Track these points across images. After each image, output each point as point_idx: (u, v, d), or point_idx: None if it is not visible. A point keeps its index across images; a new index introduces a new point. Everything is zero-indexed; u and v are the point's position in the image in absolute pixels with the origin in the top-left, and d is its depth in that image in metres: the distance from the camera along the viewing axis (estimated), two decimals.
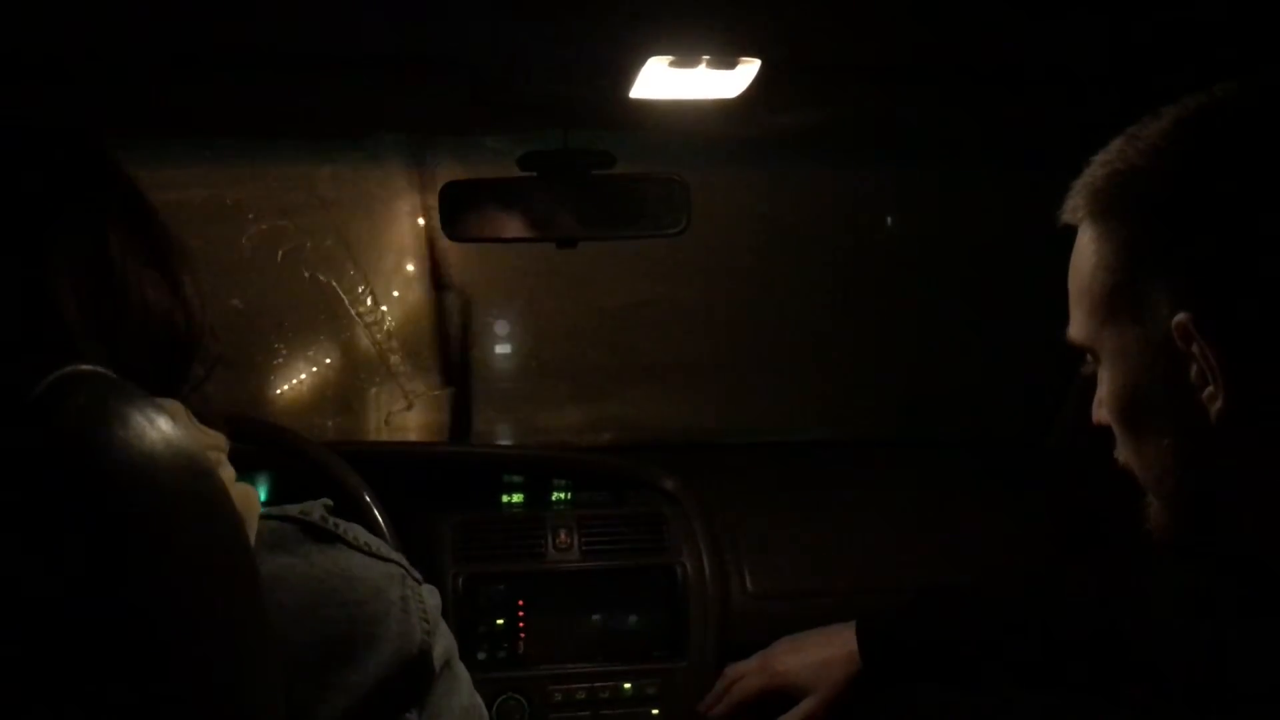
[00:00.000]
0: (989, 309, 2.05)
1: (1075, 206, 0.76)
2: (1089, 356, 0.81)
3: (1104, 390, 0.78)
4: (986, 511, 1.80)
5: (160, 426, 0.48)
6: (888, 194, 2.01)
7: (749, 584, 1.70)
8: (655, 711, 1.61)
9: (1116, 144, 0.75)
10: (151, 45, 1.22)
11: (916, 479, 1.87)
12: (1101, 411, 0.81)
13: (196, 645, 0.49)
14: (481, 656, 1.59)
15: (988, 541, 1.76)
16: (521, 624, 1.62)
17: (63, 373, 0.46)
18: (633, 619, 1.65)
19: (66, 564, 0.45)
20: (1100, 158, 0.76)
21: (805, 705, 1.43)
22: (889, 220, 2.04)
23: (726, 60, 1.20)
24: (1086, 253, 0.75)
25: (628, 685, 1.61)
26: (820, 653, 1.42)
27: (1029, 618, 1.25)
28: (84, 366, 0.47)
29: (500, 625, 1.61)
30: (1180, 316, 0.69)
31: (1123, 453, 0.79)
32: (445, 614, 0.92)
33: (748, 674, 1.49)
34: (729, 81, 1.25)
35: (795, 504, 1.81)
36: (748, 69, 1.22)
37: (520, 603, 1.62)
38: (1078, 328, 0.77)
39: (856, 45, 1.28)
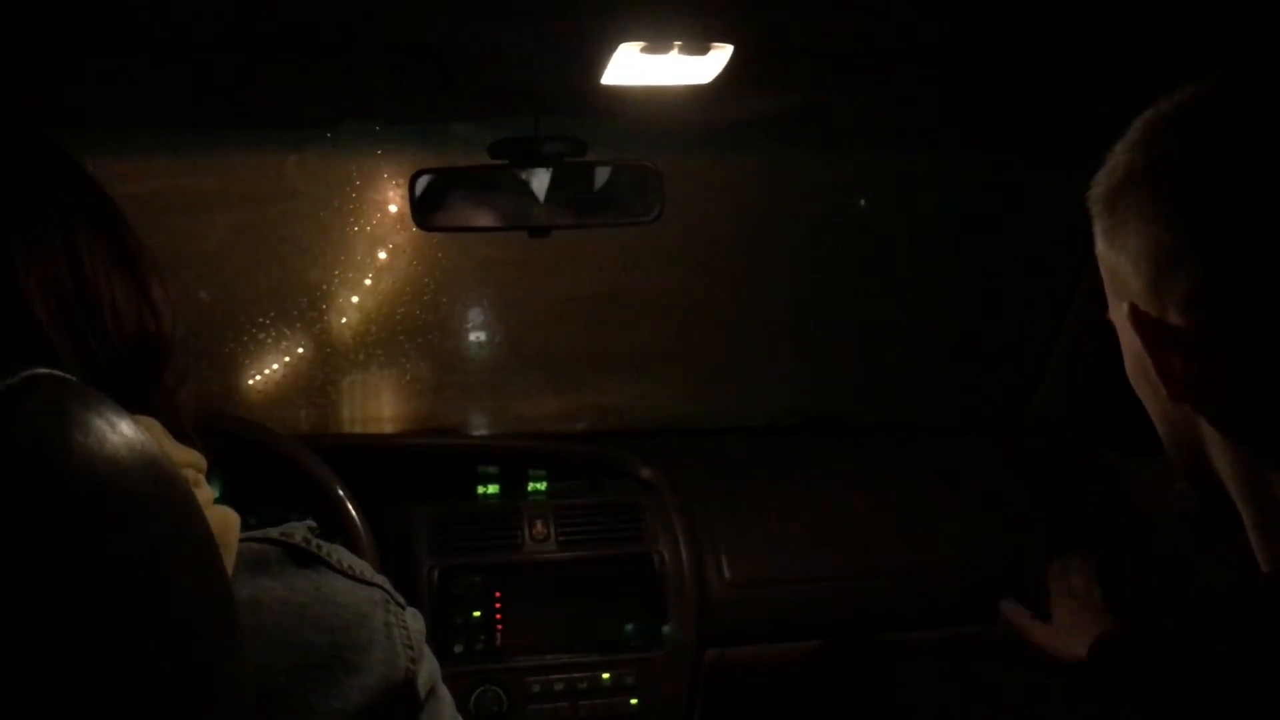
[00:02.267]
0: (966, 295, 2.05)
1: (1088, 195, 0.78)
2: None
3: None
4: (964, 498, 1.81)
5: (122, 431, 0.47)
6: (862, 179, 2.01)
7: (726, 572, 1.69)
8: (634, 701, 1.61)
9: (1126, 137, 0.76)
10: (114, 34, 1.20)
11: (894, 465, 1.87)
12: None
13: (162, 663, 0.47)
14: (458, 649, 1.58)
15: (965, 527, 1.76)
16: (499, 615, 1.61)
17: (18, 378, 0.44)
18: (610, 608, 1.65)
19: (21, 582, 0.43)
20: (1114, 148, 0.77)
21: (1046, 629, 1.46)
22: (864, 206, 2.04)
23: (699, 45, 1.19)
24: (1096, 237, 0.77)
25: (606, 675, 1.60)
26: (1086, 617, 1.45)
27: None
28: (40, 370, 0.46)
29: (477, 617, 1.60)
30: (1125, 304, 0.71)
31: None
32: (420, 607, 0.91)
33: (1068, 593, 1.51)
34: (701, 67, 1.24)
35: (772, 490, 1.81)
36: (720, 54, 1.21)
37: (497, 594, 1.61)
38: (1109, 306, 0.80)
39: (829, 30, 1.27)
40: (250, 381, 1.95)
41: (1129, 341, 0.76)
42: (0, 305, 0.57)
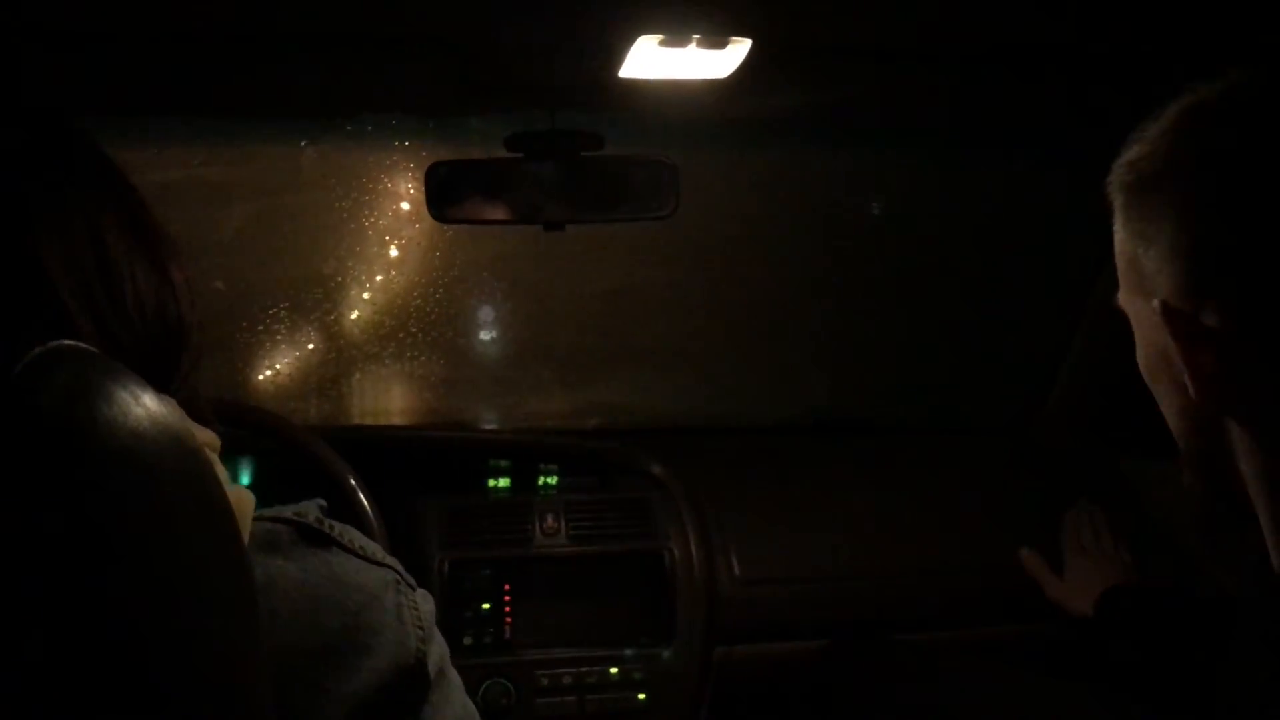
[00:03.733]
0: (979, 296, 2.05)
1: (1109, 182, 0.78)
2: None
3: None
4: (976, 499, 1.81)
5: (145, 403, 0.47)
6: (877, 177, 2.00)
7: (736, 569, 1.69)
8: (642, 696, 1.61)
9: (1147, 123, 0.76)
10: (133, 23, 1.20)
11: (906, 466, 1.87)
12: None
13: (182, 630, 0.47)
14: (468, 641, 1.58)
15: (976, 529, 1.76)
16: (508, 609, 1.61)
17: (46, 349, 0.45)
18: (620, 604, 1.65)
19: (48, 547, 0.43)
20: (1133, 136, 0.77)
21: (1060, 585, 1.51)
22: (878, 204, 2.03)
23: (717, 40, 1.19)
24: (1116, 225, 0.77)
25: (614, 670, 1.60)
26: (1096, 573, 1.50)
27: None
28: (67, 343, 0.46)
29: (487, 610, 1.60)
30: (1156, 301, 0.70)
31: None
32: (431, 598, 0.91)
33: (1083, 551, 1.58)
34: (719, 61, 1.24)
35: (783, 490, 1.81)
36: (738, 49, 1.21)
37: (507, 588, 1.62)
38: (1120, 294, 0.79)
39: (848, 26, 1.27)
40: (263, 371, 1.95)
41: (1148, 334, 0.75)
42: (25, 283, 0.58)
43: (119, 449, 0.45)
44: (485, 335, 2.04)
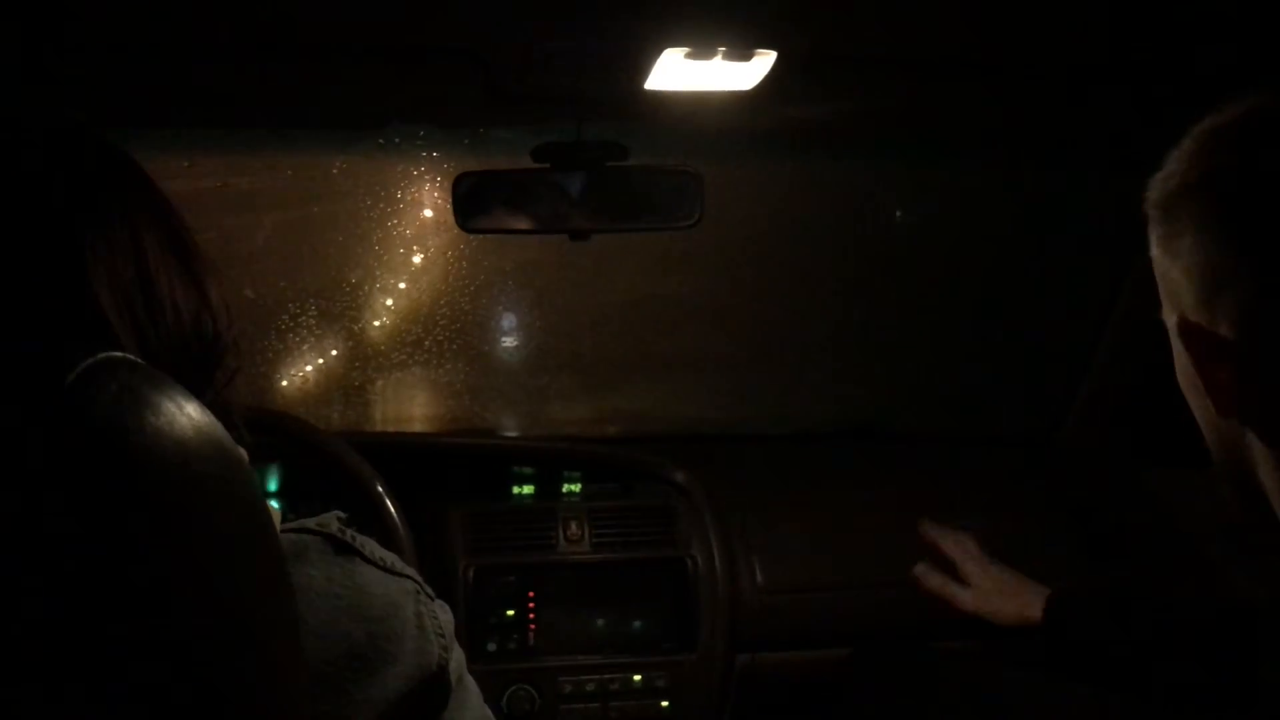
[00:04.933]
0: (1004, 304, 2.05)
1: (1145, 198, 0.78)
2: None
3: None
4: (999, 508, 1.80)
5: (190, 413, 0.48)
6: (901, 188, 2.01)
7: (759, 577, 1.70)
8: (665, 704, 1.61)
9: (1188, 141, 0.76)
10: (164, 34, 1.22)
11: (929, 475, 1.87)
12: None
13: (230, 636, 0.49)
14: (491, 648, 1.59)
15: (1000, 538, 1.75)
16: (532, 615, 1.62)
17: (96, 360, 0.46)
18: (643, 611, 1.65)
19: (97, 551, 0.45)
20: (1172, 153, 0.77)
21: (971, 593, 1.41)
22: (900, 215, 2.04)
23: (742, 52, 1.20)
24: (1150, 241, 0.77)
25: (637, 677, 1.61)
26: (1015, 583, 1.40)
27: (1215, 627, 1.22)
28: (115, 354, 0.47)
29: (510, 616, 1.61)
30: (1175, 316, 0.72)
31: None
32: (455, 605, 0.92)
33: (963, 545, 1.47)
34: (744, 73, 1.25)
35: (805, 498, 1.81)
36: (763, 61, 1.22)
37: (530, 594, 1.63)
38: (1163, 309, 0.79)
39: (872, 38, 1.28)
40: (290, 378, 1.97)
41: (1177, 348, 0.76)
42: (69, 295, 0.59)
43: (165, 458, 0.47)
44: (509, 343, 2.05)
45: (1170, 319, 0.76)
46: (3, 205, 0.60)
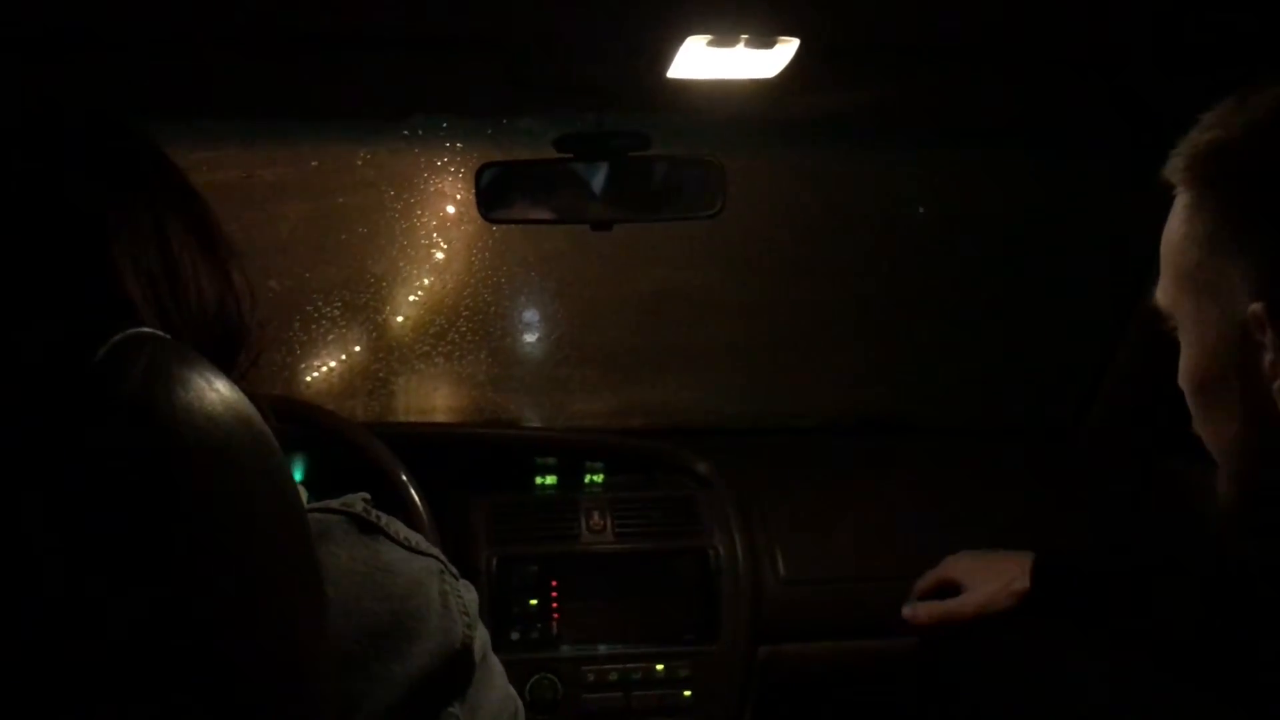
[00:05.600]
0: (1027, 296, 2.03)
1: (1174, 168, 0.73)
2: (1170, 322, 0.79)
3: (1181, 361, 0.76)
4: (1022, 501, 1.79)
5: (219, 388, 0.49)
6: (924, 177, 2.00)
7: (781, 569, 1.69)
8: (687, 693, 1.61)
9: (1227, 105, 0.71)
10: (188, 25, 1.23)
11: (952, 468, 1.86)
12: (1181, 380, 0.79)
13: (258, 607, 0.49)
14: (515, 637, 1.59)
15: (1022, 531, 1.74)
16: (555, 605, 1.62)
17: (125, 335, 0.47)
18: (665, 602, 1.65)
19: (129, 525, 0.45)
20: (1208, 118, 0.71)
21: (962, 597, 1.43)
22: (925, 204, 2.03)
23: (765, 39, 1.20)
24: (1178, 220, 0.73)
25: (660, 667, 1.61)
26: (995, 563, 1.42)
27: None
28: (145, 330, 0.48)
29: (534, 606, 1.62)
30: (1256, 306, 0.67)
31: (1195, 423, 0.78)
32: (480, 593, 0.93)
33: (928, 573, 1.50)
34: (767, 61, 1.25)
35: (828, 490, 1.80)
36: (786, 48, 1.22)
37: (554, 584, 1.63)
38: (1162, 293, 0.76)
39: (895, 25, 1.27)
40: (314, 369, 1.99)
41: (1211, 340, 0.72)
42: (95, 277, 0.60)
43: (194, 431, 0.47)
44: (532, 335, 2.06)
45: (1201, 307, 0.72)
46: (32, 190, 0.61)
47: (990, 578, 1.41)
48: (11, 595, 0.46)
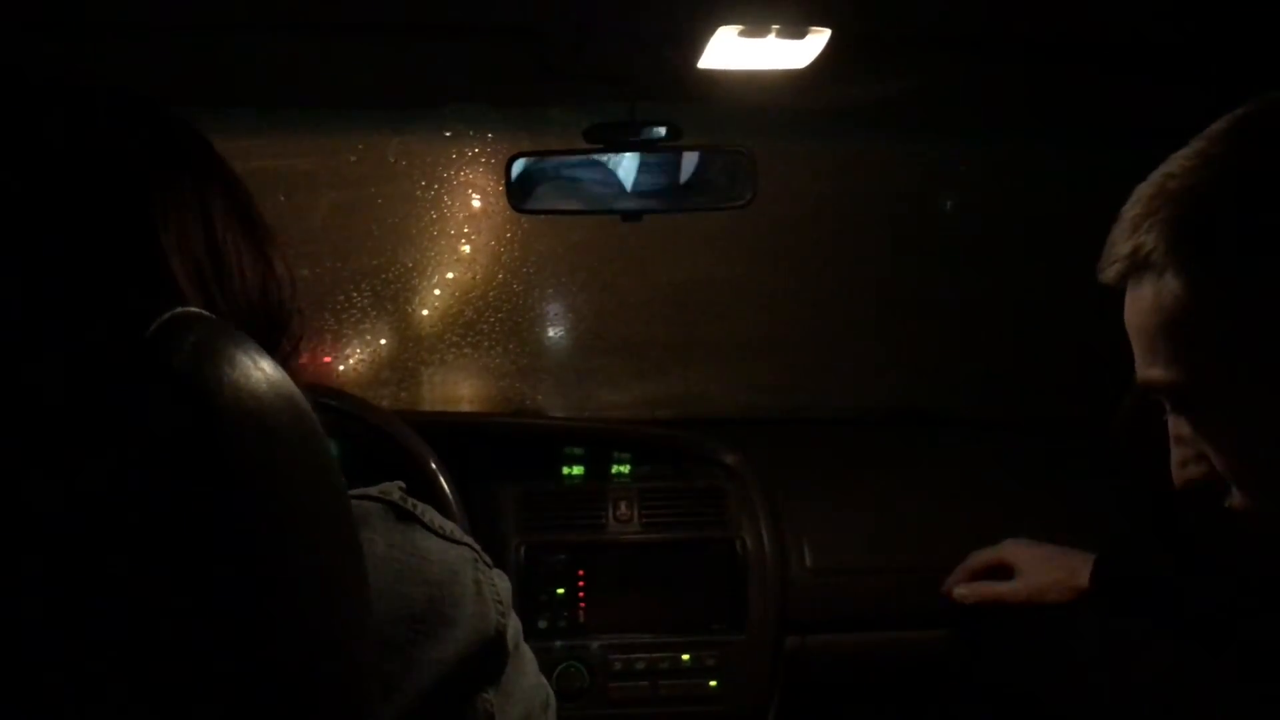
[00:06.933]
0: (1059, 288, 2.02)
1: (1150, 246, 0.67)
2: (1167, 403, 0.73)
3: (1219, 443, 0.70)
4: (1052, 494, 1.78)
5: (264, 367, 0.50)
6: (955, 169, 1.99)
7: (808, 559, 1.69)
8: (713, 683, 1.62)
9: (1181, 163, 0.66)
10: (223, 12, 1.24)
11: (981, 460, 1.85)
12: (1196, 468, 0.72)
13: (299, 587, 0.50)
14: (542, 625, 1.60)
15: (1051, 523, 1.74)
16: (582, 594, 1.63)
17: (173, 313, 0.48)
18: (692, 591, 1.66)
19: (178, 502, 0.46)
20: (1166, 183, 0.66)
21: (1015, 583, 1.44)
22: (955, 197, 2.02)
23: (796, 29, 1.20)
24: (1176, 293, 0.66)
25: (686, 656, 1.62)
26: (1055, 555, 1.42)
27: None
28: (193, 309, 0.49)
29: (561, 594, 1.62)
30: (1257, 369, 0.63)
31: (1248, 501, 0.71)
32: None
33: (985, 551, 1.51)
34: (798, 51, 1.24)
35: (856, 481, 1.80)
36: (817, 39, 1.22)
37: (581, 573, 1.64)
38: (1170, 370, 0.69)
39: (928, 15, 1.27)
40: (345, 358, 2.00)
41: (1261, 411, 0.66)
42: (142, 259, 0.61)
43: (242, 409, 0.48)
44: (560, 325, 2.07)
45: (1248, 386, 0.64)
46: (80, 173, 0.61)
47: (1049, 569, 1.40)
48: (58, 562, 0.47)
